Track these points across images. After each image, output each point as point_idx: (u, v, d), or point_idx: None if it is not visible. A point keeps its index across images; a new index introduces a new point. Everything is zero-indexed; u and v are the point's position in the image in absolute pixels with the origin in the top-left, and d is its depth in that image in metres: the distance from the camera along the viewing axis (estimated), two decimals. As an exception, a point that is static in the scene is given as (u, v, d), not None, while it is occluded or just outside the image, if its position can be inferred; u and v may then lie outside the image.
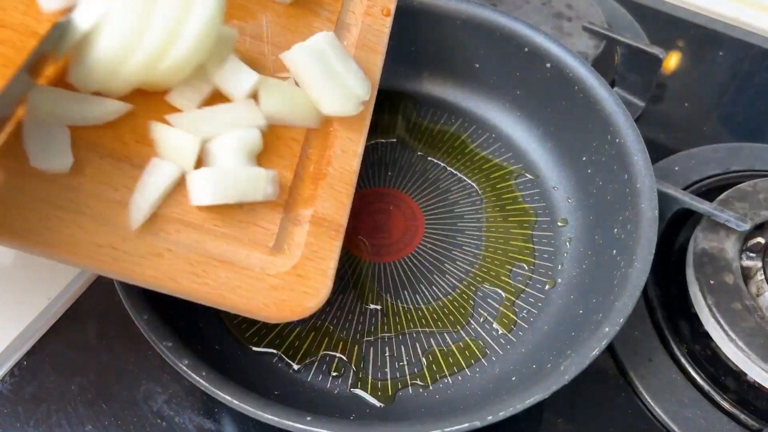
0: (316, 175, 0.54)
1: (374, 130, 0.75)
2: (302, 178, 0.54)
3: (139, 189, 0.46)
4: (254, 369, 0.57)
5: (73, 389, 0.60)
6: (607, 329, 0.48)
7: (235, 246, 0.48)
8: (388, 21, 0.63)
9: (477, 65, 0.73)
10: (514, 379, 0.55)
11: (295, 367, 0.58)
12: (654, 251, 0.51)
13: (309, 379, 0.58)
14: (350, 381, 0.58)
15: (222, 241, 0.48)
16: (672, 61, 0.95)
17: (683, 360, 0.59)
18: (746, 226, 0.61)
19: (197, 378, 0.45)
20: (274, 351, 0.58)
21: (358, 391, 0.57)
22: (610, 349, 0.63)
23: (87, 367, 0.61)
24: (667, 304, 0.63)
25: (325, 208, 0.53)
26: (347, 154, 0.56)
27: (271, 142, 0.53)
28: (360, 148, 0.57)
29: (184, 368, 0.45)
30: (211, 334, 0.56)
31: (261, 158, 0.52)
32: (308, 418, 0.43)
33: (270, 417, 0.43)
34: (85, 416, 0.58)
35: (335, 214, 0.53)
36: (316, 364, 0.59)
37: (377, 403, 0.56)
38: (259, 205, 0.50)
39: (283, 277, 0.49)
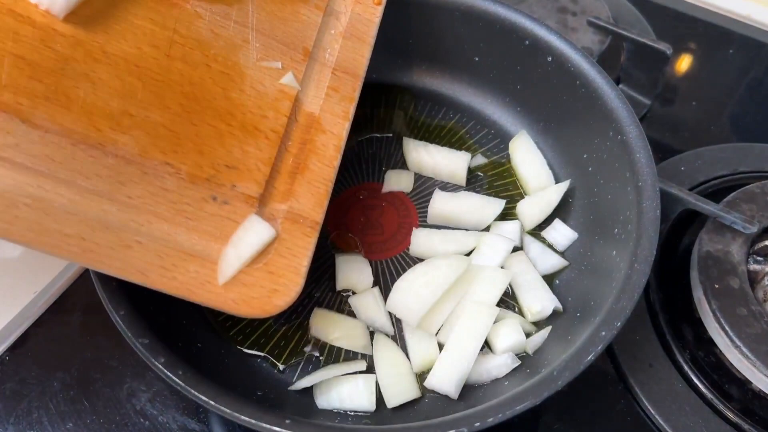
0: (295, 169, 0.53)
1: (369, 124, 0.74)
2: (279, 171, 0.53)
3: (233, 243, 0.47)
4: (238, 369, 0.55)
5: (55, 385, 0.59)
6: (603, 333, 0.46)
7: (207, 240, 0.47)
8: (379, 10, 0.62)
9: (476, 59, 0.71)
10: (506, 383, 0.53)
11: (281, 367, 0.57)
12: (655, 252, 0.50)
13: (294, 380, 0.56)
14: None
15: (194, 234, 0.47)
16: (679, 58, 0.93)
17: (685, 366, 0.58)
18: (753, 229, 0.60)
19: (173, 377, 0.43)
20: (260, 353, 0.57)
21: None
22: (609, 353, 0.61)
23: (70, 362, 0.60)
24: (669, 307, 0.63)
25: (301, 204, 0.52)
26: (328, 149, 0.55)
27: (250, 133, 0.52)
28: (341, 143, 0.56)
29: (160, 366, 0.44)
30: (194, 331, 0.55)
31: (237, 150, 0.51)
32: (287, 422, 0.41)
33: (247, 419, 0.41)
34: (67, 413, 0.57)
35: (311, 211, 0.52)
36: (301, 365, 0.57)
37: (364, 406, 0.54)
38: (233, 198, 0.49)
39: (253, 273, 0.48)
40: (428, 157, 0.67)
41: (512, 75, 0.68)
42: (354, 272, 0.60)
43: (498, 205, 0.64)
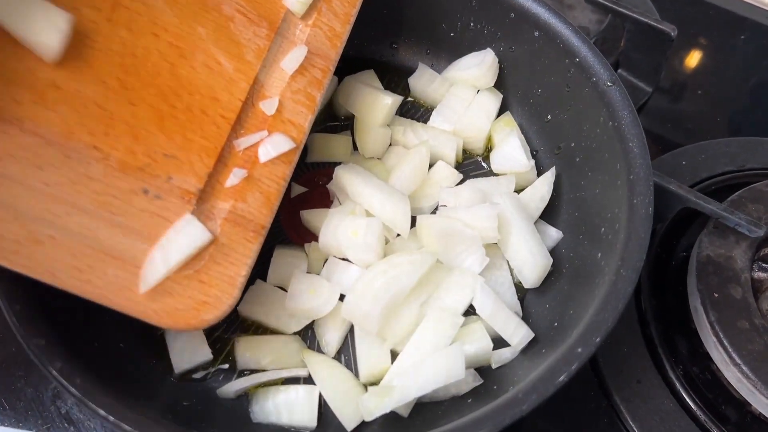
0: (245, 163, 0.48)
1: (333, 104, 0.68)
2: (226, 164, 0.47)
3: (161, 246, 0.42)
4: (164, 374, 0.50)
5: (-31, 383, 0.54)
6: (580, 350, 0.41)
7: (132, 239, 0.42)
8: None
9: (456, 33, 0.66)
10: (470, 401, 0.48)
11: (212, 370, 0.52)
12: (645, 258, 0.45)
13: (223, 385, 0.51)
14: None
15: (117, 231, 0.42)
16: (685, 42, 0.88)
17: (677, 383, 0.57)
18: (760, 232, 0.58)
19: (67, 385, 0.39)
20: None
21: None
22: (593, 364, 0.57)
23: (-11, 357, 0.56)
24: (662, 317, 0.61)
25: (247, 204, 0.47)
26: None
27: (195, 117, 0.46)
28: (303, 136, 0.50)
29: (54, 373, 0.39)
30: (116, 329, 0.49)
31: (178, 136, 0.45)
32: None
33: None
34: (-21, 416, 0.53)
35: (258, 212, 0.47)
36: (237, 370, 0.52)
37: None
38: (168, 192, 0.44)
39: (181, 281, 0.43)
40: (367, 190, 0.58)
41: (495, 52, 0.64)
42: (289, 267, 0.55)
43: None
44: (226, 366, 0.51)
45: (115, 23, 0.44)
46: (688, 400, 0.55)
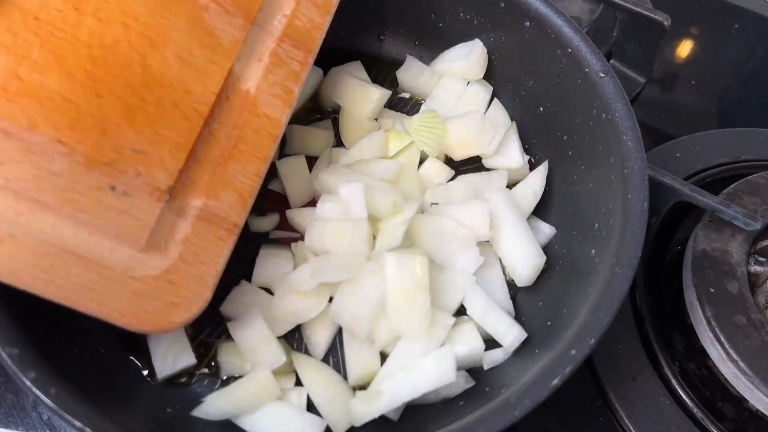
0: (218, 158, 0.46)
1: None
2: (198, 160, 0.45)
3: None
4: (145, 379, 0.49)
5: (-52, 389, 0.53)
6: (574, 352, 0.40)
7: (98, 238, 0.41)
8: None
9: (445, 23, 0.65)
10: (461, 403, 0.47)
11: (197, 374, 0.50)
12: (640, 254, 0.44)
13: (205, 397, 0.49)
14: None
15: (83, 230, 0.40)
16: (678, 32, 0.87)
17: (673, 380, 0.56)
18: (756, 225, 0.57)
19: (41, 396, 0.37)
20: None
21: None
22: (588, 362, 0.57)
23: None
24: (658, 313, 0.60)
25: (220, 202, 0.45)
26: (261, 137, 0.48)
27: (166, 110, 0.44)
28: (279, 132, 0.49)
29: (28, 384, 0.37)
30: (96, 333, 0.47)
31: (148, 131, 0.43)
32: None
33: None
34: (-43, 423, 0.52)
35: (231, 210, 0.46)
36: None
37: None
38: (137, 189, 0.42)
39: (149, 282, 0.41)
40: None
41: (485, 43, 0.63)
42: (274, 267, 0.54)
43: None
44: (210, 370, 0.50)
45: (83, 12, 0.42)
46: (684, 397, 0.55)
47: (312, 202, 0.59)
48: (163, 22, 0.45)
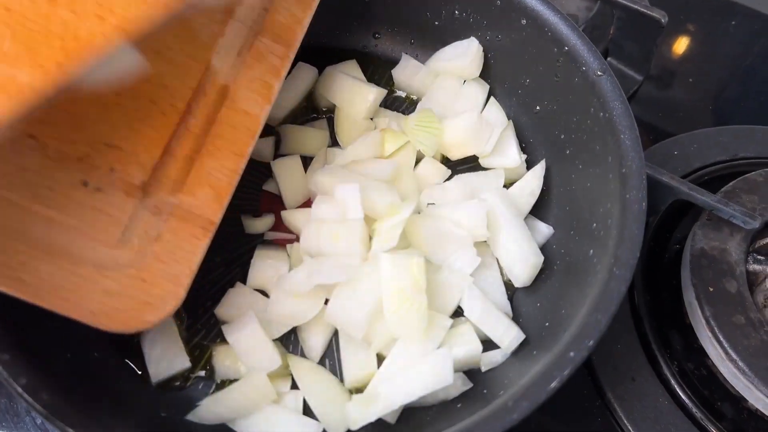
0: (195, 154, 0.45)
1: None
2: (174, 155, 0.45)
3: None
4: (140, 382, 0.48)
5: (-60, 394, 0.52)
6: (572, 354, 0.40)
7: (70, 235, 0.40)
8: None
9: (441, 22, 0.64)
10: (459, 405, 0.47)
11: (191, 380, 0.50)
12: (638, 255, 0.44)
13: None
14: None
15: (53, 227, 0.40)
16: (675, 30, 0.87)
17: (672, 380, 0.56)
18: (755, 224, 0.57)
19: (33, 403, 0.37)
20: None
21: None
22: (586, 362, 0.54)
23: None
24: (656, 312, 0.60)
25: (196, 199, 0.45)
26: (238, 133, 0.47)
27: (142, 105, 0.43)
28: (258, 127, 0.48)
29: (19, 390, 0.37)
30: (90, 338, 0.46)
31: (122, 126, 0.42)
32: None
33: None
34: (-51, 428, 0.51)
35: (207, 208, 0.45)
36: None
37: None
38: (110, 185, 0.42)
39: (121, 280, 0.41)
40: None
41: (482, 41, 0.62)
42: (270, 269, 0.53)
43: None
44: (205, 373, 0.49)
45: (56, 3, 0.40)
46: (683, 396, 0.55)
47: (307, 203, 0.58)
48: (139, 15, 0.44)
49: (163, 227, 0.43)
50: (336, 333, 0.51)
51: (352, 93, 0.62)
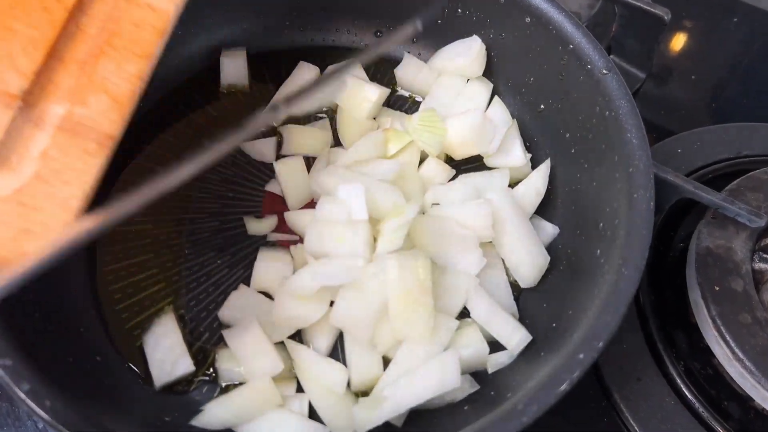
0: (87, 56, 0.39)
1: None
2: (62, 59, 0.38)
3: None
4: (143, 387, 0.48)
5: (-60, 399, 0.52)
6: (582, 356, 0.40)
7: None
8: None
9: (443, 20, 0.64)
10: (466, 408, 0.46)
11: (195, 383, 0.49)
12: (647, 255, 0.43)
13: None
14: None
15: None
16: (678, 27, 0.87)
17: (678, 380, 0.55)
18: (760, 222, 0.56)
19: (36, 409, 0.36)
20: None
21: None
22: (592, 363, 0.54)
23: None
24: (661, 312, 0.59)
25: (89, 109, 0.38)
26: (143, 32, 0.40)
27: (19, 2, 0.37)
28: (167, 25, 0.41)
29: (22, 396, 0.36)
30: (91, 342, 0.47)
31: None
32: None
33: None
34: (-51, 434, 0.51)
35: (102, 118, 0.38)
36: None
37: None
38: None
39: None
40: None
41: (485, 39, 0.62)
42: (274, 270, 0.52)
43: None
44: (209, 377, 0.49)
45: None
46: (689, 396, 0.54)
47: (311, 204, 0.58)
48: None
49: (48, 142, 0.36)
50: (341, 335, 0.51)
51: (355, 92, 0.61)
